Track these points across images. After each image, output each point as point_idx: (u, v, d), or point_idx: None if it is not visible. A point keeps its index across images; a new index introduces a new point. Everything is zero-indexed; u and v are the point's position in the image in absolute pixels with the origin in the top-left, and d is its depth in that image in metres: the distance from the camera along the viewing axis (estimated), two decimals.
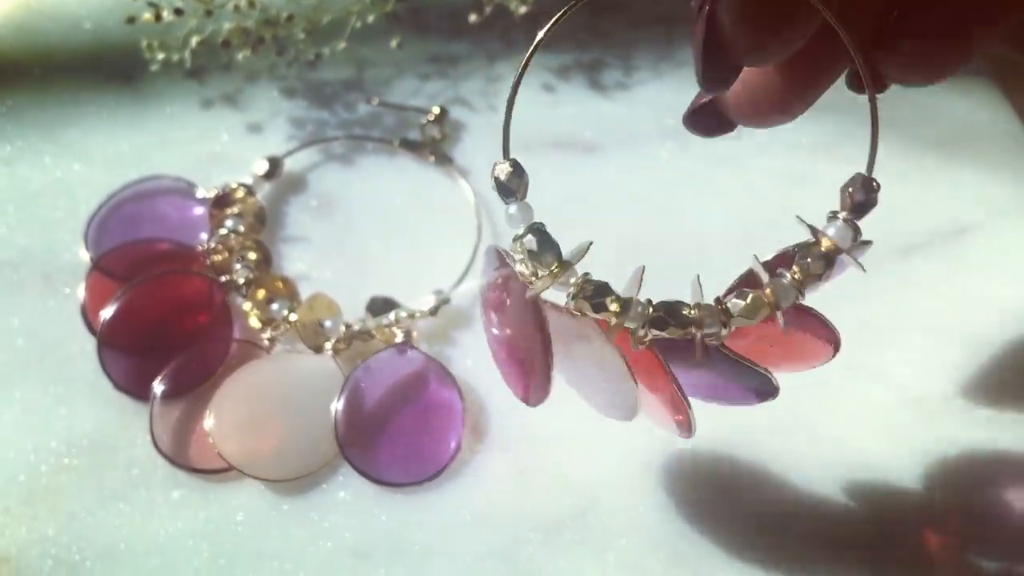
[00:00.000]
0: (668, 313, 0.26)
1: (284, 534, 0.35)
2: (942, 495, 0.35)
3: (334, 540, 0.34)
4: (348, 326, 0.38)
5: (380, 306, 0.39)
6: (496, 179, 0.26)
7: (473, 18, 0.45)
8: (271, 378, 0.37)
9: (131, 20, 0.43)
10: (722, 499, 0.35)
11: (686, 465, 0.36)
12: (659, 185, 0.44)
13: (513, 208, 0.26)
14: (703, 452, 0.36)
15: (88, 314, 0.38)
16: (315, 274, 0.41)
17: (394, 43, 0.45)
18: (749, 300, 0.26)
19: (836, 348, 0.30)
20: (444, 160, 0.44)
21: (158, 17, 0.42)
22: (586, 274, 0.26)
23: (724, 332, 0.26)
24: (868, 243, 0.28)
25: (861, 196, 0.26)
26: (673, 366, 0.28)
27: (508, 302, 0.28)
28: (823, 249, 0.26)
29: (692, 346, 0.27)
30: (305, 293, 0.39)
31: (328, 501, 0.35)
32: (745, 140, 0.44)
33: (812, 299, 0.27)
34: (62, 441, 0.36)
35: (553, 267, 0.26)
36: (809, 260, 0.26)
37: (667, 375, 0.27)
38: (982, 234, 0.41)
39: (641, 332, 0.26)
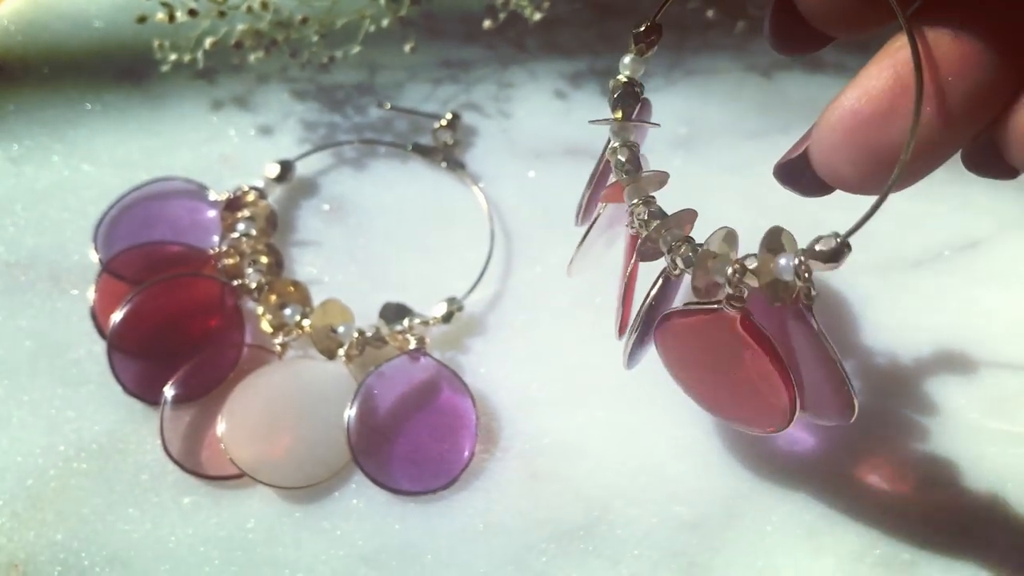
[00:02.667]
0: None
1: (296, 542, 0.34)
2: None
3: (346, 548, 0.34)
4: (361, 332, 0.38)
5: (393, 312, 0.38)
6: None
7: (487, 24, 0.45)
8: (283, 384, 0.36)
9: (142, 19, 0.43)
10: (736, 509, 0.35)
11: (701, 474, 0.36)
12: (671, 193, 0.44)
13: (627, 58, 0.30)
14: (715, 461, 0.36)
15: (98, 317, 0.38)
16: (327, 279, 0.41)
17: (407, 47, 0.45)
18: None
19: (790, 416, 0.28)
20: (456, 166, 0.44)
21: (171, 17, 0.41)
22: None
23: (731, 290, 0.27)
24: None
25: (828, 246, 0.25)
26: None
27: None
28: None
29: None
30: (317, 298, 0.39)
31: (340, 509, 0.35)
32: (758, 149, 0.45)
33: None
34: (71, 445, 0.36)
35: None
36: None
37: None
38: (992, 247, 0.41)
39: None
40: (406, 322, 0.38)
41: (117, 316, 0.37)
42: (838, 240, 0.24)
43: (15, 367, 0.38)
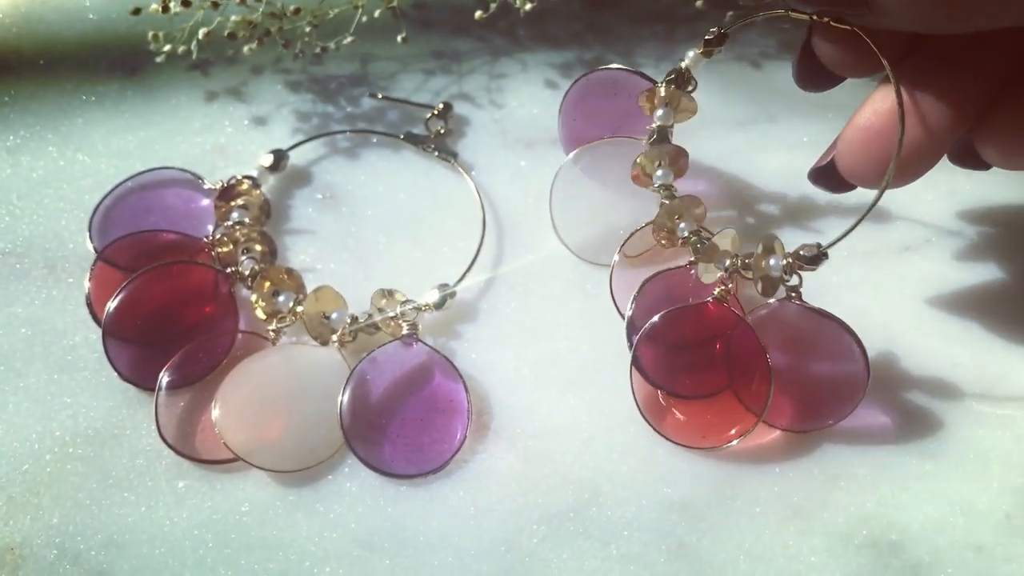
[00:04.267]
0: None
1: (290, 525, 0.35)
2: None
3: (340, 531, 0.35)
4: (354, 318, 0.38)
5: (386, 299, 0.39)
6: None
7: (478, 15, 0.45)
8: (277, 369, 0.37)
9: (136, 11, 0.43)
10: (725, 491, 0.35)
11: (690, 457, 0.36)
12: None
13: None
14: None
15: (93, 304, 0.38)
16: (320, 266, 0.41)
17: (399, 38, 0.45)
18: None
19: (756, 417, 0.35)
20: (448, 155, 0.44)
21: (165, 8, 0.42)
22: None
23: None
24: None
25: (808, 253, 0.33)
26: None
27: None
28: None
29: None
30: (310, 286, 0.39)
31: (334, 492, 0.35)
32: (747, 138, 0.45)
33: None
34: (67, 430, 0.36)
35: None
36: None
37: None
38: (978, 234, 0.42)
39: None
40: (399, 308, 0.38)
41: (112, 303, 0.37)
42: (819, 249, 0.32)
43: (11, 354, 0.38)
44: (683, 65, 0.38)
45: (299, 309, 0.38)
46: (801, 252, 0.32)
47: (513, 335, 0.39)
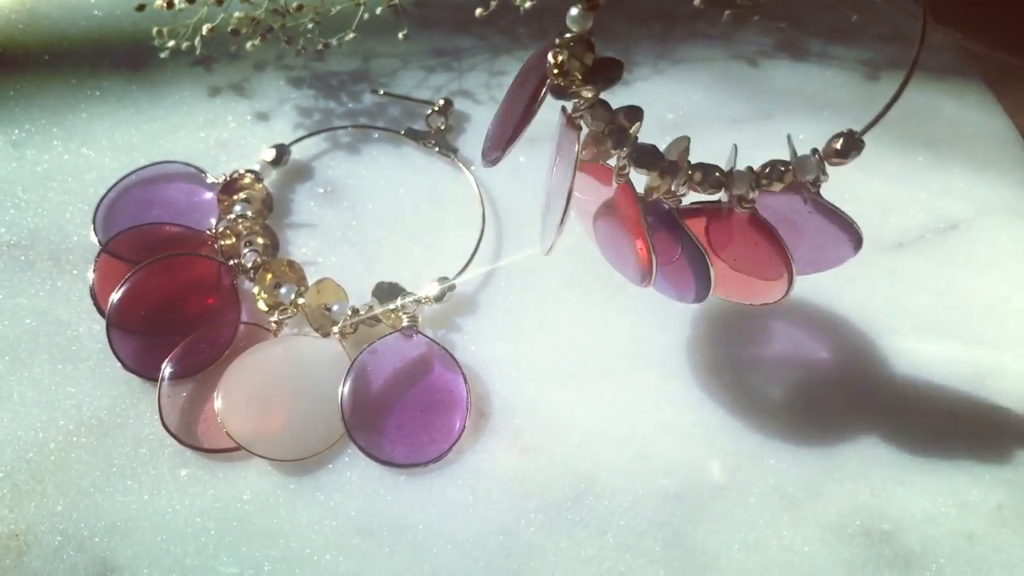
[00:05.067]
0: (703, 172, 0.33)
1: (290, 513, 0.35)
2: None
3: (340, 519, 0.35)
4: (355, 310, 0.39)
5: (386, 291, 0.39)
6: None
7: (478, 12, 0.46)
8: (279, 360, 0.37)
9: (141, 7, 0.44)
10: (720, 481, 0.36)
11: (685, 448, 0.37)
12: None
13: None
14: (700, 435, 0.37)
15: (97, 295, 0.39)
16: (321, 259, 0.42)
17: (401, 35, 0.46)
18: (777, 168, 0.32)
19: (790, 279, 0.33)
20: (448, 150, 0.44)
21: (170, 5, 0.42)
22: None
23: (752, 195, 0.32)
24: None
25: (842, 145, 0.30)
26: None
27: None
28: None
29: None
30: (312, 278, 0.40)
31: (334, 481, 0.36)
32: (742, 136, 0.45)
33: None
34: (71, 419, 0.37)
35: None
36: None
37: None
38: (971, 230, 0.43)
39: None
40: (399, 301, 0.39)
41: (116, 295, 0.38)
42: (855, 136, 0.30)
43: (16, 344, 0.38)
44: (575, 31, 0.33)
45: (301, 301, 0.39)
46: (836, 146, 0.30)
47: (512, 328, 0.40)
